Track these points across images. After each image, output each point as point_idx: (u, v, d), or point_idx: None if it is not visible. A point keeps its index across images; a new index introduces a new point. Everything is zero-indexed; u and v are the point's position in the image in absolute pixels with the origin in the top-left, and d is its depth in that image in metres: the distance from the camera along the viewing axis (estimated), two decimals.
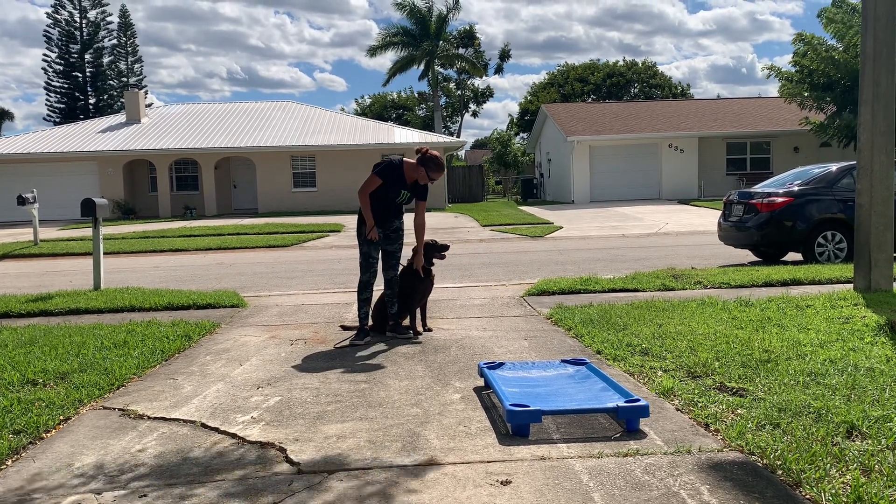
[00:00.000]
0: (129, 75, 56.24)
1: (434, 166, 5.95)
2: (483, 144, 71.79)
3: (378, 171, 6.00)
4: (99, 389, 4.66)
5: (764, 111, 33.57)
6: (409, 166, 6.03)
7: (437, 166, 5.97)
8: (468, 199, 38.16)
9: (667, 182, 31.06)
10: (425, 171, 5.95)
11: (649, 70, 61.67)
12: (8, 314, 7.73)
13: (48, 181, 28.88)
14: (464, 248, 14.97)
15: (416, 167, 5.98)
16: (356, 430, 3.85)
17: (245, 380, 4.94)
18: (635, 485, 3.06)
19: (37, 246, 17.61)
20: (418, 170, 5.98)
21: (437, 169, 5.97)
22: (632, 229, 18.77)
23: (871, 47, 7.39)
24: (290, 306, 8.03)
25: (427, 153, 5.98)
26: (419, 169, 5.97)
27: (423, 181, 6.05)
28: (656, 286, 8.29)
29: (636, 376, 4.70)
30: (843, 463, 3.14)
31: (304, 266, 12.84)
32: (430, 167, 5.95)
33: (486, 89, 61.22)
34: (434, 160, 5.96)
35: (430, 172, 5.96)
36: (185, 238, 19.02)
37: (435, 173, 5.97)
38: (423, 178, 6.00)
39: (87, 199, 9.32)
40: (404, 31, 42.69)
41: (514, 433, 3.69)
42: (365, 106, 67.71)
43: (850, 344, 5.17)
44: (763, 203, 10.64)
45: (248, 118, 34.71)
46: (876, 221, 7.41)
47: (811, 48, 24.47)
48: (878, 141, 7.38)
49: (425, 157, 5.97)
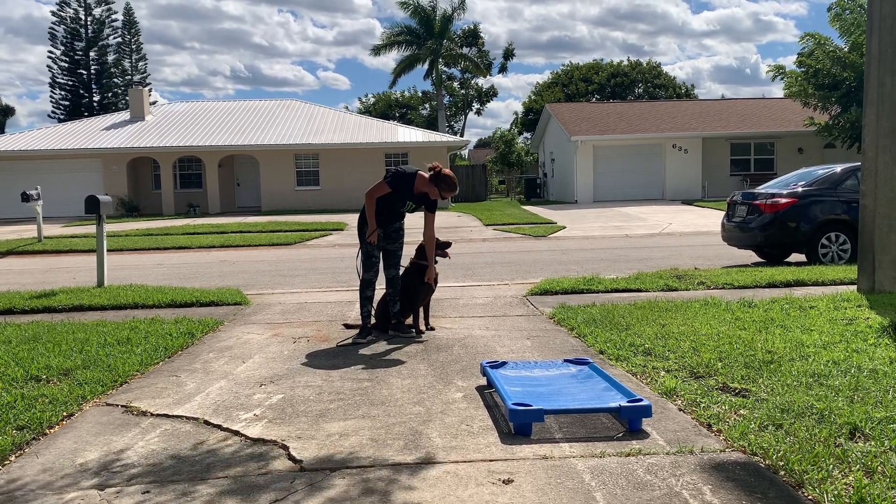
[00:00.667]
0: (134, 73, 56.34)
1: (446, 186, 5.95)
2: (486, 144, 71.75)
3: (389, 181, 5.97)
4: (102, 386, 4.67)
5: (768, 112, 33.51)
6: (421, 180, 6.00)
7: (450, 186, 5.96)
8: (471, 198, 38.13)
9: (670, 182, 31.01)
10: (438, 190, 5.96)
11: (654, 70, 61.61)
12: (12, 310, 7.75)
13: (52, 178, 28.93)
14: (467, 248, 14.97)
15: (429, 183, 5.97)
16: (358, 428, 3.85)
17: (248, 377, 4.95)
18: (637, 485, 3.06)
19: (40, 243, 17.66)
20: (430, 186, 5.97)
21: (450, 189, 5.96)
22: (635, 229, 18.75)
23: (876, 48, 7.37)
24: (292, 304, 8.04)
25: (441, 172, 5.96)
26: (432, 186, 5.96)
27: (433, 196, 6.04)
28: (659, 286, 8.28)
29: (639, 376, 4.69)
30: (846, 464, 3.13)
31: (307, 264, 12.85)
32: (443, 187, 5.95)
33: (490, 89, 61.32)
34: (447, 180, 5.94)
35: (443, 192, 5.97)
36: (189, 236, 19.04)
37: (447, 192, 5.97)
38: (434, 194, 6.00)
39: (90, 196, 9.34)
40: (409, 30, 42.71)
41: (516, 432, 3.69)
42: (369, 104, 67.79)
43: (854, 345, 5.16)
44: (767, 204, 10.62)
45: (252, 116, 34.74)
46: (880, 223, 7.39)
47: (818, 47, 24.37)
48: (883, 142, 7.36)
49: (439, 175, 5.94)
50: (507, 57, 56.52)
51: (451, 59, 46.71)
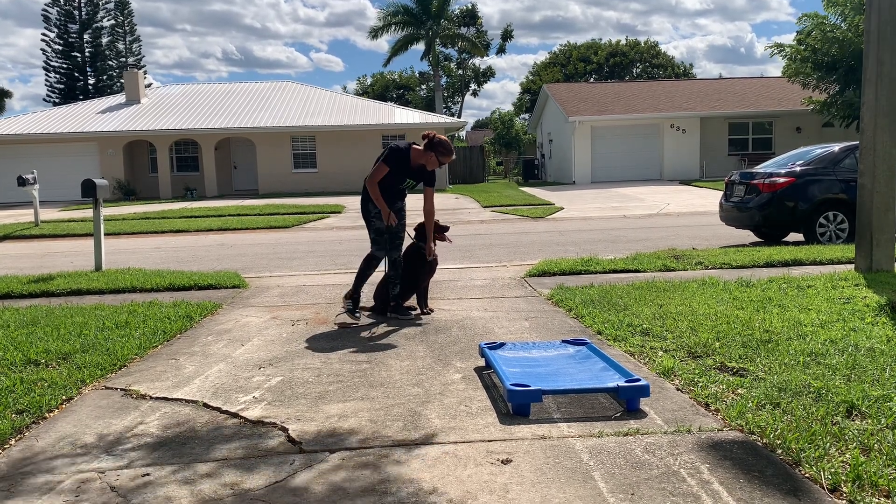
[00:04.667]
0: (128, 55, 55.94)
1: (443, 150, 5.92)
2: (484, 125, 71.56)
3: (385, 160, 5.95)
4: (101, 370, 4.68)
5: (766, 91, 33.38)
6: (416, 153, 5.99)
7: (447, 150, 5.94)
8: (469, 180, 38.08)
9: (668, 162, 30.96)
10: (435, 157, 5.92)
11: (652, 50, 61.29)
12: (10, 295, 7.74)
13: (48, 162, 28.81)
14: (465, 229, 14.96)
15: (425, 153, 5.94)
16: (357, 409, 3.86)
17: (247, 360, 4.96)
18: (635, 464, 3.07)
19: (37, 227, 17.61)
20: (427, 155, 5.93)
21: (447, 153, 5.94)
22: (633, 210, 18.73)
23: (875, 27, 7.32)
24: (291, 287, 8.04)
25: (435, 138, 5.93)
26: (428, 154, 5.93)
27: (431, 166, 6.00)
28: (657, 267, 8.29)
29: (637, 356, 4.71)
30: (843, 442, 3.15)
31: (304, 247, 12.84)
32: (440, 151, 5.91)
33: (488, 69, 60.96)
34: (443, 144, 5.93)
35: (440, 157, 5.93)
36: (186, 219, 19.01)
37: (445, 157, 5.94)
38: (432, 163, 5.96)
39: (87, 179, 9.31)
40: (405, 10, 42.35)
41: (514, 413, 3.70)
42: (366, 86, 67.41)
43: (851, 324, 5.17)
44: (765, 183, 10.60)
45: (248, 98, 34.54)
46: (878, 202, 7.39)
47: (816, 27, 24.26)
48: (881, 121, 7.34)
49: (433, 141, 5.92)
50: (506, 38, 56.20)
51: (449, 39, 46.39)
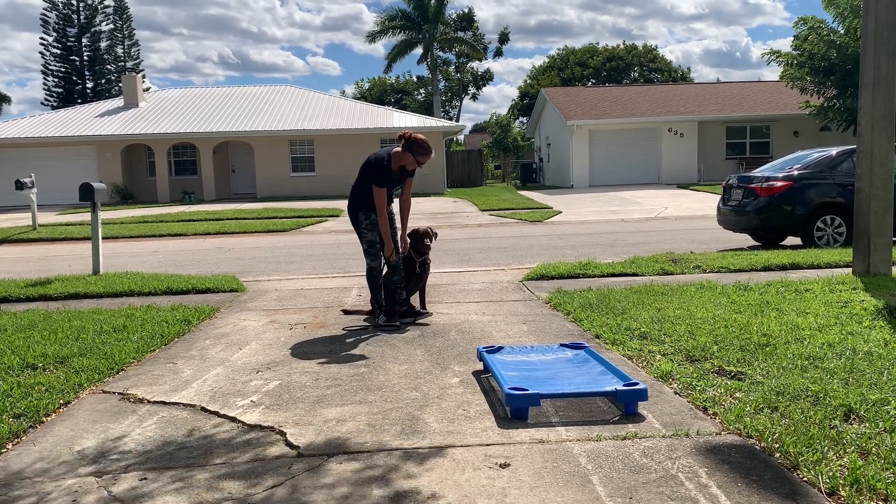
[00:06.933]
0: (127, 59, 55.94)
1: (420, 150, 5.79)
2: (482, 129, 71.58)
3: (376, 181, 5.80)
4: (99, 374, 4.67)
5: (764, 95, 33.43)
6: (396, 157, 5.86)
7: (424, 150, 5.81)
8: (467, 183, 38.07)
9: (666, 166, 30.99)
10: (413, 157, 5.80)
11: (649, 54, 61.41)
12: (7, 299, 7.73)
13: (46, 166, 28.81)
14: (463, 233, 14.96)
15: (403, 154, 5.82)
16: (356, 413, 3.86)
17: (245, 364, 4.95)
18: (633, 468, 3.07)
19: (35, 231, 17.59)
20: (405, 156, 5.82)
21: (424, 152, 5.80)
22: (631, 214, 18.75)
23: (872, 30, 7.34)
24: (289, 291, 8.03)
25: (411, 137, 5.79)
26: (406, 155, 5.81)
27: (411, 167, 5.88)
28: (655, 270, 8.29)
29: (635, 360, 4.71)
30: (841, 446, 3.15)
31: (303, 251, 12.83)
32: (417, 151, 5.79)
33: (486, 73, 60.94)
34: (419, 144, 5.79)
35: (418, 157, 5.80)
36: (184, 223, 18.99)
37: (422, 157, 5.81)
38: (411, 163, 5.84)
39: (85, 183, 9.29)
40: (403, 14, 42.44)
41: (512, 417, 3.70)
42: (364, 90, 67.46)
43: (849, 328, 5.18)
44: (762, 187, 10.62)
45: (246, 102, 34.55)
46: (875, 205, 7.40)
47: (813, 31, 24.31)
48: (879, 125, 7.35)
49: (410, 141, 5.78)
50: (503, 41, 56.24)
51: (447, 43, 46.49)
